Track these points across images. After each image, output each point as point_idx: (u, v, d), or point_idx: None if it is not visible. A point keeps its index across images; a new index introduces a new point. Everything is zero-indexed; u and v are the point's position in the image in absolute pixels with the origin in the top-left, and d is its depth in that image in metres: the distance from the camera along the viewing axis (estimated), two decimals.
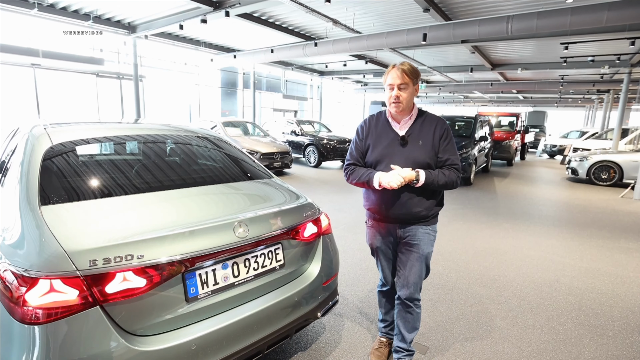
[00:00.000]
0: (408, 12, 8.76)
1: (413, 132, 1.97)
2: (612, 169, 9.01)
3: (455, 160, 1.95)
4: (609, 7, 6.32)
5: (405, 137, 1.96)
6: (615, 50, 11.37)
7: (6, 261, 1.32)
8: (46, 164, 1.71)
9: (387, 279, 2.23)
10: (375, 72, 17.59)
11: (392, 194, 1.94)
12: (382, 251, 2.15)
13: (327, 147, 10.96)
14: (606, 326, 2.70)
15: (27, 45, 10.29)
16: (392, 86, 1.90)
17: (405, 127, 1.98)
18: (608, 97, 19.42)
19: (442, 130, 1.96)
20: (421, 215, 1.98)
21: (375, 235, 2.14)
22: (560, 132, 19.68)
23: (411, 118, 1.99)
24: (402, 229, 2.02)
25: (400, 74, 1.87)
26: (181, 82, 15.91)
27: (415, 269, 2.02)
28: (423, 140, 1.94)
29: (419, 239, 2.00)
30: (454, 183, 1.92)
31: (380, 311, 2.36)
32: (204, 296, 1.55)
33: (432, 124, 1.98)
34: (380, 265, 2.22)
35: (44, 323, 1.22)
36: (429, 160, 1.93)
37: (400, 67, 1.89)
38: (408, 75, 1.87)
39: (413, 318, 2.09)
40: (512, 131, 13.15)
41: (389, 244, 2.11)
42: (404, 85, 1.88)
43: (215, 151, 2.50)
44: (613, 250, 4.36)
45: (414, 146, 1.94)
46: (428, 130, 1.96)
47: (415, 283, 2.03)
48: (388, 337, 2.33)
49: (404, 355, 2.14)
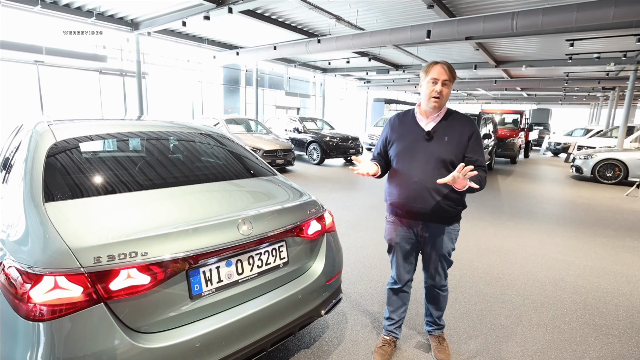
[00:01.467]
0: (412, 8, 8.70)
1: (439, 128, 1.97)
2: (617, 167, 8.95)
3: (483, 162, 1.98)
4: (615, 3, 6.25)
5: (430, 133, 1.97)
6: (621, 47, 11.27)
7: (10, 258, 1.33)
8: (50, 161, 1.71)
9: (401, 277, 2.20)
10: (379, 69, 17.53)
11: (417, 190, 1.95)
12: (400, 248, 2.14)
13: (329, 144, 10.94)
14: (611, 325, 2.68)
15: (31, 42, 10.31)
16: (435, 80, 1.89)
17: (432, 123, 1.99)
18: (613, 95, 19.30)
19: (472, 130, 1.97)
20: (445, 215, 1.99)
21: (395, 231, 2.13)
22: (564, 130, 19.57)
23: (439, 115, 1.99)
24: (424, 226, 2.04)
25: (446, 69, 1.88)
26: (184, 79, 15.91)
27: (438, 265, 2.12)
28: (449, 137, 1.94)
29: (440, 237, 2.04)
30: (484, 184, 1.93)
31: (388, 309, 2.32)
32: (208, 293, 1.54)
33: (461, 122, 1.99)
34: (396, 262, 2.19)
35: (48, 320, 1.22)
36: (453, 157, 1.93)
37: (444, 63, 1.89)
38: (451, 73, 1.90)
39: (440, 300, 2.23)
40: (516, 129, 13.07)
41: (409, 241, 2.11)
42: (447, 81, 1.89)
43: (219, 148, 2.50)
44: (618, 249, 4.33)
45: (439, 142, 1.94)
46: (456, 128, 1.96)
47: (439, 274, 2.15)
48: (393, 336, 2.30)
49: (435, 328, 2.32)
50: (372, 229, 4.78)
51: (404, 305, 2.28)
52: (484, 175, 1.92)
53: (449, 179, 1.75)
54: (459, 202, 2.02)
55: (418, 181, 1.95)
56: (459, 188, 1.80)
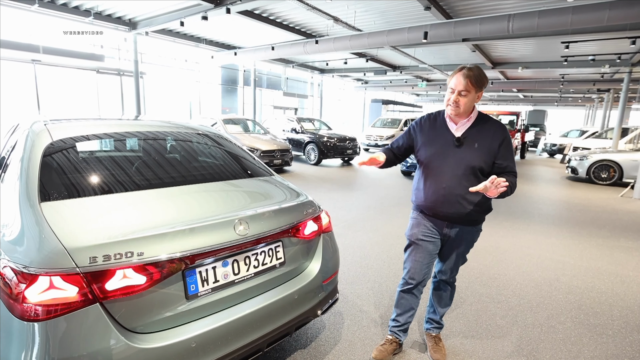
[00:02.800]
0: (409, 10, 8.73)
1: (470, 134, 1.95)
2: (612, 168, 9.01)
3: (513, 167, 1.97)
4: (610, 6, 6.30)
5: (460, 139, 1.95)
6: (616, 50, 11.36)
7: (6, 257, 1.32)
8: (46, 160, 1.70)
9: (416, 276, 2.14)
10: (376, 70, 17.56)
11: (445, 196, 1.95)
12: (421, 245, 2.11)
13: (327, 144, 10.95)
14: (606, 325, 2.70)
15: (28, 41, 10.27)
16: (452, 90, 1.89)
17: (462, 129, 1.97)
18: (608, 97, 19.41)
19: (503, 137, 1.94)
20: (472, 218, 2.01)
21: (418, 227, 2.11)
22: (560, 131, 19.69)
23: (469, 120, 1.97)
24: (449, 228, 2.05)
25: (464, 80, 1.85)
26: (182, 79, 15.88)
27: (456, 261, 2.17)
28: (479, 143, 1.92)
29: (465, 238, 2.08)
30: (514, 189, 1.91)
31: (395, 310, 2.28)
32: (204, 294, 1.55)
33: (492, 129, 1.96)
34: (412, 260, 2.14)
35: (43, 320, 1.22)
36: (483, 164, 1.92)
37: (467, 73, 1.85)
38: (472, 84, 1.85)
39: (447, 296, 2.27)
40: (512, 130, 13.17)
41: (432, 238, 2.09)
42: (465, 92, 1.86)
43: (216, 148, 2.50)
44: (613, 249, 4.36)
45: (469, 149, 1.92)
46: (486, 134, 1.94)
47: (454, 270, 2.20)
48: (395, 337, 2.27)
49: (434, 327, 2.33)
50: (369, 229, 4.78)
51: (412, 310, 2.24)
52: (514, 181, 1.92)
53: (480, 187, 1.74)
54: (487, 207, 2.02)
55: (447, 187, 1.94)
56: (491, 196, 1.78)
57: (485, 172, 1.93)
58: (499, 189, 1.71)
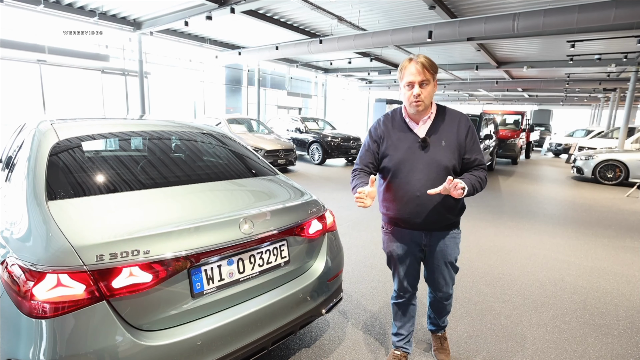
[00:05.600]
0: (414, 9, 8.71)
1: (434, 132, 1.79)
2: (618, 168, 8.94)
3: (482, 160, 1.83)
4: (616, 4, 6.25)
5: (426, 139, 1.78)
6: (622, 49, 11.26)
7: (14, 255, 1.34)
8: (53, 160, 1.72)
9: (405, 290, 2.06)
10: (380, 69, 17.53)
11: (420, 205, 1.80)
12: (401, 259, 1.99)
13: (331, 144, 10.95)
14: (611, 325, 2.68)
15: (33, 41, 10.35)
16: (411, 84, 1.69)
17: (424, 128, 1.80)
18: (614, 96, 19.25)
19: (467, 127, 1.80)
20: (450, 222, 1.90)
21: (395, 242, 1.98)
22: (565, 131, 19.58)
23: (430, 117, 1.81)
24: (428, 236, 1.91)
25: (420, 68, 1.66)
26: (186, 79, 15.94)
27: (445, 273, 1.99)
28: (446, 140, 1.77)
29: (446, 244, 1.92)
30: (484, 184, 1.80)
31: (395, 324, 2.18)
32: (210, 292, 1.55)
33: (454, 121, 1.81)
34: (398, 275, 2.05)
35: (51, 317, 1.23)
36: (455, 162, 1.79)
37: (419, 60, 1.67)
38: (428, 70, 1.67)
39: (445, 308, 2.14)
40: (517, 129, 13.07)
41: (412, 251, 1.96)
42: (426, 81, 1.68)
43: (220, 148, 2.51)
44: (618, 250, 4.33)
45: (437, 148, 1.77)
46: (450, 128, 1.79)
47: (447, 283, 2.02)
48: (403, 351, 2.16)
49: (438, 328, 2.25)
50: (373, 229, 4.78)
51: (412, 319, 2.15)
52: (484, 175, 1.80)
53: (439, 189, 1.64)
54: (461, 207, 1.93)
55: (421, 195, 1.78)
56: (456, 197, 1.66)
57: (458, 170, 1.82)
58: (457, 191, 1.61)
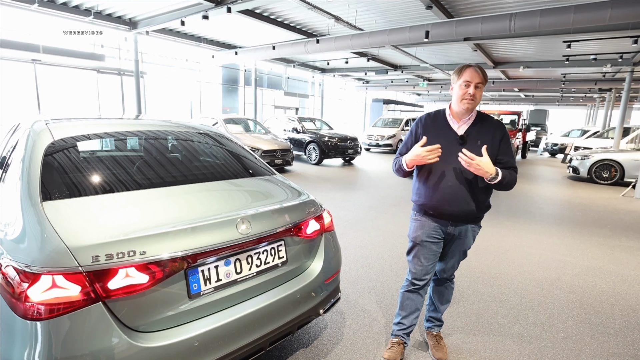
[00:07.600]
0: (410, 9, 8.72)
1: (472, 132, 1.99)
2: (614, 168, 8.99)
3: (513, 163, 2.02)
4: (612, 5, 6.28)
5: (464, 137, 1.98)
6: (618, 49, 11.33)
7: (8, 257, 1.32)
8: (47, 160, 1.70)
9: (422, 277, 2.15)
10: (377, 69, 17.54)
11: (451, 194, 1.97)
12: (425, 246, 2.11)
13: (328, 144, 10.94)
14: (607, 324, 2.69)
15: (28, 40, 10.27)
16: (469, 83, 1.90)
17: (464, 127, 2.00)
18: (610, 96, 19.39)
19: (502, 133, 2.01)
20: (476, 215, 2.06)
21: (422, 229, 2.11)
22: (561, 131, 19.66)
23: (471, 118, 2.01)
24: (454, 226, 2.07)
25: (479, 72, 1.90)
26: (182, 79, 15.87)
27: (457, 258, 2.20)
28: (482, 141, 1.95)
29: (467, 236, 2.11)
30: (514, 184, 1.98)
31: (399, 313, 2.25)
32: (207, 293, 1.54)
33: (491, 126, 2.01)
34: (417, 261, 2.15)
35: (46, 319, 1.22)
36: None
37: (477, 66, 1.92)
38: (484, 77, 1.92)
39: (448, 292, 2.31)
40: (513, 129, 13.14)
41: (436, 239, 2.10)
42: (480, 84, 1.90)
43: (217, 148, 2.49)
44: (614, 249, 4.35)
45: (473, 146, 1.94)
46: (487, 132, 1.99)
47: (453, 267, 2.24)
48: (402, 339, 2.24)
49: (435, 325, 2.36)
50: (371, 229, 4.78)
51: (417, 311, 2.23)
52: (515, 176, 1.98)
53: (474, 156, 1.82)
54: (487, 204, 2.10)
55: (452, 185, 1.96)
56: (487, 177, 1.86)
57: None
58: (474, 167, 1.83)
